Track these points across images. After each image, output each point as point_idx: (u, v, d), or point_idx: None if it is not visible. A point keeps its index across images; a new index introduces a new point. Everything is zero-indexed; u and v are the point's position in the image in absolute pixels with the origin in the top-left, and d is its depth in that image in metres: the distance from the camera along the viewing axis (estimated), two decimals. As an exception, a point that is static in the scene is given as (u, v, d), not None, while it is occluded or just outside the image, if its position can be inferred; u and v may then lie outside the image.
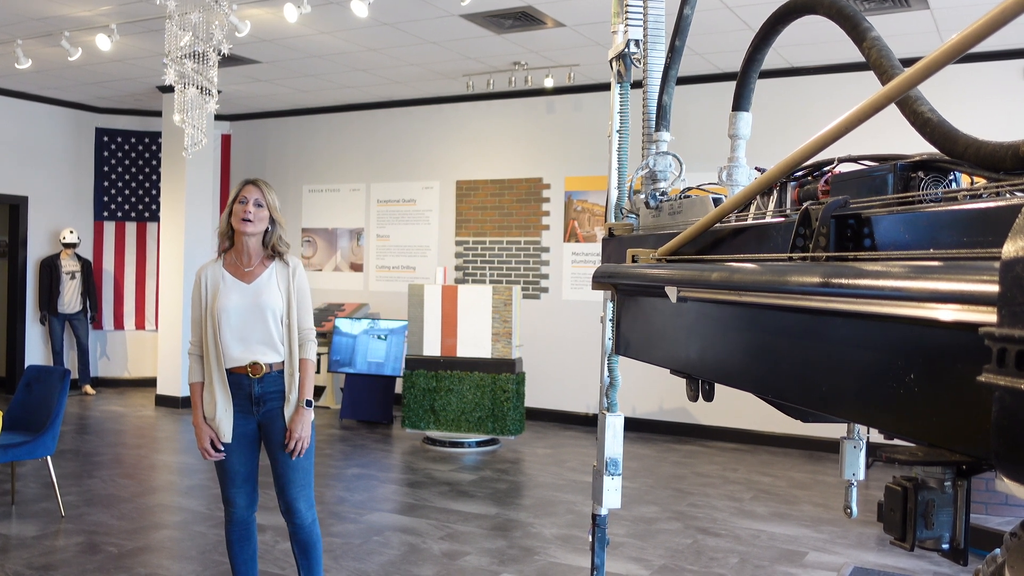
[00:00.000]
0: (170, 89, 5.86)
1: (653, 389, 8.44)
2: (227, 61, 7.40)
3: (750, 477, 7.05)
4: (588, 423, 8.95)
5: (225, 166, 11.41)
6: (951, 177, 1.37)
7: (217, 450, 3.52)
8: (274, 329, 3.53)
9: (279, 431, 3.56)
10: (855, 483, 1.63)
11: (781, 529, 5.60)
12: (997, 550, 1.25)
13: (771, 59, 6.97)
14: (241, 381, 3.52)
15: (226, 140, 11.39)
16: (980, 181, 1.38)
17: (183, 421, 9.08)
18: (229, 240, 3.57)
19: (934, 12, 6.37)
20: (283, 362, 3.56)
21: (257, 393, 3.52)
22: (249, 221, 3.47)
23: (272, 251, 3.58)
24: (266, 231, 3.55)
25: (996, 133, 1.29)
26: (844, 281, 1.05)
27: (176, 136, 9.06)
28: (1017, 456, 0.75)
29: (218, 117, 10.67)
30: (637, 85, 2.64)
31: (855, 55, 7.45)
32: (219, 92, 6.13)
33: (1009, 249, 0.76)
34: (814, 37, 6.97)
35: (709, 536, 5.43)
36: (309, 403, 3.57)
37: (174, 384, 9.83)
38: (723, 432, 8.41)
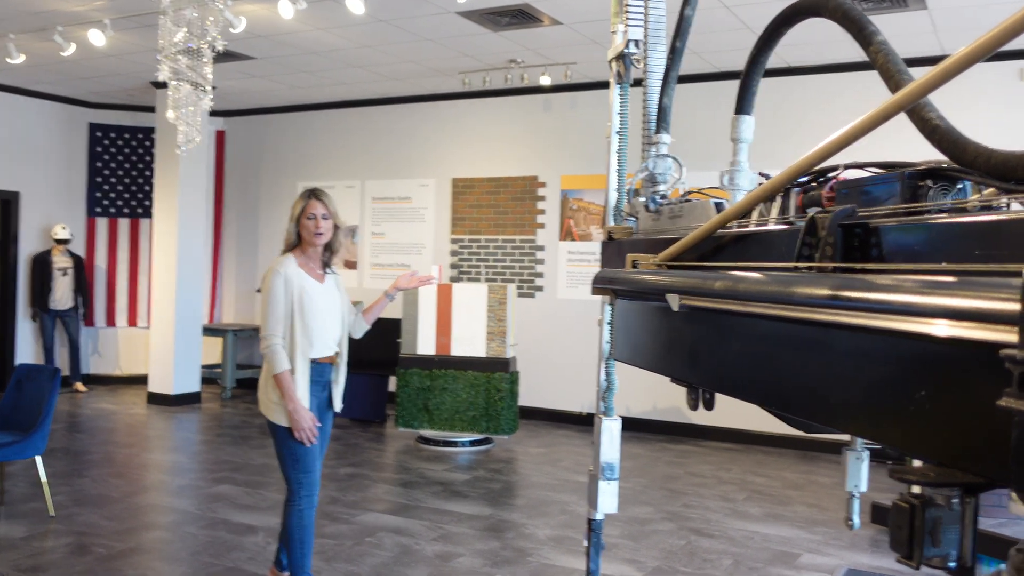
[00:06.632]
0: (164, 85, 5.81)
1: (647, 389, 8.42)
2: (222, 57, 7.35)
3: (744, 477, 7.03)
4: (582, 422, 8.93)
5: (219, 162, 11.35)
6: (960, 186, 1.34)
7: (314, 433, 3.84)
8: (341, 325, 4.05)
9: (329, 408, 4.07)
10: (857, 495, 1.61)
11: (775, 530, 5.59)
12: (1002, 564, 1.22)
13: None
14: (325, 369, 3.96)
15: (220, 136, 11.33)
16: (988, 190, 1.36)
17: (175, 419, 9.04)
18: (293, 246, 3.96)
19: (931, 12, 6.36)
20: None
21: (333, 378, 4.01)
22: (321, 234, 3.91)
23: (323, 263, 4.03)
24: None
25: (993, 135, 1.27)
26: (855, 295, 1.02)
27: (170, 132, 8.98)
28: (1038, 483, 0.72)
29: (212, 113, 10.61)
30: (637, 84, 2.61)
31: (851, 55, 7.44)
32: (213, 88, 6.08)
33: (1032, 269, 0.73)
34: (810, 37, 6.95)
35: (703, 537, 5.41)
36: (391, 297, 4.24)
37: (166, 382, 9.77)
38: (717, 432, 8.39)
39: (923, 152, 1.46)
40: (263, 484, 6.35)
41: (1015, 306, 0.79)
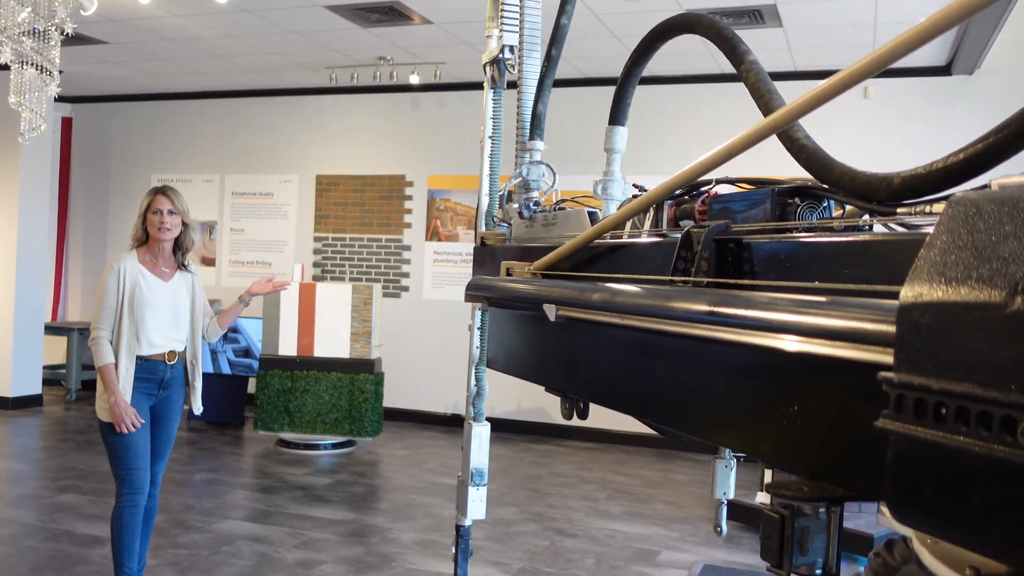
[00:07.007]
0: (6, 67, 5.41)
1: (511, 389, 8.47)
2: (71, 40, 6.93)
3: (605, 476, 7.18)
4: (446, 423, 8.91)
5: (65, 151, 10.70)
6: (825, 204, 1.40)
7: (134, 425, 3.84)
8: (184, 324, 4.06)
9: (175, 410, 4.08)
10: (725, 502, 1.66)
11: (635, 528, 5.73)
12: (861, 568, 1.28)
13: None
14: (156, 367, 3.95)
15: (67, 123, 10.69)
16: (850, 209, 1.42)
17: (13, 423, 8.46)
18: (141, 242, 4.00)
19: (786, 30, 6.67)
20: (185, 351, 4.09)
21: (167, 378, 3.99)
22: (167, 229, 3.93)
23: (178, 262, 4.07)
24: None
25: (838, 152, 1.32)
26: (733, 311, 1.04)
27: (11, 118, 8.36)
28: (911, 501, 0.75)
29: (59, 99, 9.98)
30: (511, 86, 2.61)
31: (712, 67, 7.72)
32: (60, 72, 5.71)
33: (907, 294, 0.76)
34: (674, 49, 7.16)
35: (566, 537, 5.49)
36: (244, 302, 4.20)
37: (3, 383, 9.11)
38: (578, 431, 8.53)
39: (782, 168, 1.51)
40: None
41: (884, 328, 0.81)
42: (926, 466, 0.73)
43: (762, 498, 5.54)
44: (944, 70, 7.38)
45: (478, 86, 2.84)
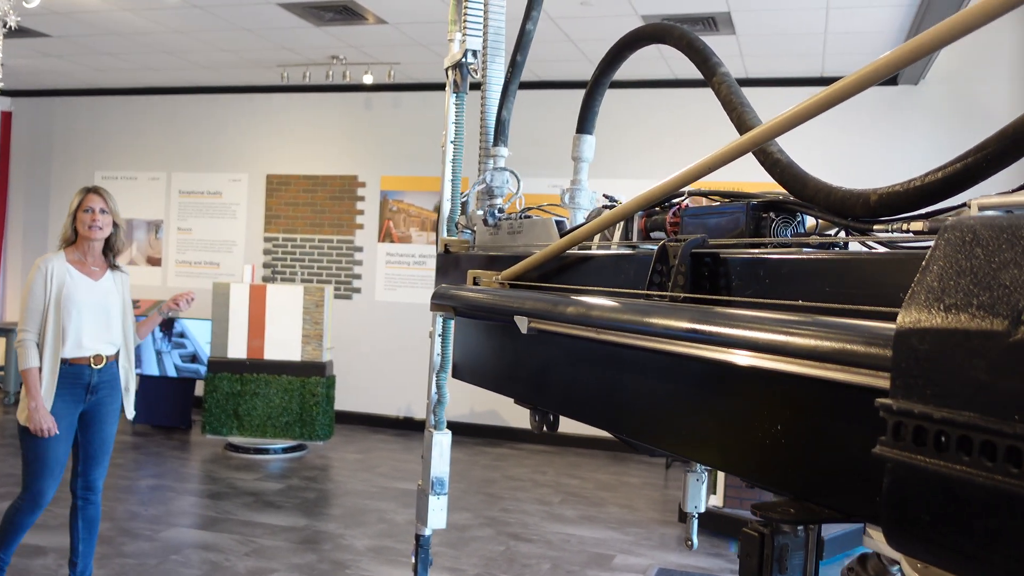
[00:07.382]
0: (-57, 60, 5.24)
1: (464, 392, 8.42)
2: (12, 32, 6.73)
3: (559, 480, 7.19)
4: (398, 426, 8.84)
5: (4, 146, 10.40)
6: (799, 219, 1.39)
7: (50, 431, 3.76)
8: (115, 326, 3.96)
9: (108, 414, 3.96)
10: (696, 516, 1.65)
11: (590, 532, 5.73)
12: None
13: (579, 70, 7.10)
14: (82, 371, 3.85)
15: (6, 118, 10.38)
16: (821, 224, 1.42)
17: (-52, 427, 8.19)
18: (69, 241, 3.97)
19: (739, 38, 6.74)
20: (117, 354, 3.99)
21: (95, 382, 3.89)
22: (99, 228, 3.91)
23: (108, 262, 4.02)
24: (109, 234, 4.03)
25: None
26: (719, 330, 1.02)
27: (-53, 111, 8.15)
28: (908, 528, 0.74)
29: (-2, 92, 9.71)
30: (475, 87, 2.58)
31: (664, 73, 7.78)
32: (2, 66, 5.54)
33: (905, 319, 0.75)
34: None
35: (521, 542, 5.47)
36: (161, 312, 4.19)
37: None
38: (532, 434, 8.53)
39: (748, 177, 1.51)
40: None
41: (886, 352, 0.80)
42: (925, 494, 0.72)
43: (715, 502, 5.58)
44: (890, 80, 7.52)
45: (432, 87, 2.82)
